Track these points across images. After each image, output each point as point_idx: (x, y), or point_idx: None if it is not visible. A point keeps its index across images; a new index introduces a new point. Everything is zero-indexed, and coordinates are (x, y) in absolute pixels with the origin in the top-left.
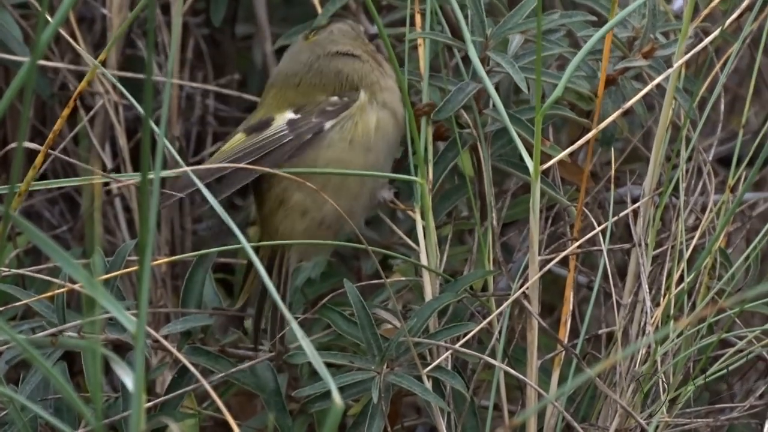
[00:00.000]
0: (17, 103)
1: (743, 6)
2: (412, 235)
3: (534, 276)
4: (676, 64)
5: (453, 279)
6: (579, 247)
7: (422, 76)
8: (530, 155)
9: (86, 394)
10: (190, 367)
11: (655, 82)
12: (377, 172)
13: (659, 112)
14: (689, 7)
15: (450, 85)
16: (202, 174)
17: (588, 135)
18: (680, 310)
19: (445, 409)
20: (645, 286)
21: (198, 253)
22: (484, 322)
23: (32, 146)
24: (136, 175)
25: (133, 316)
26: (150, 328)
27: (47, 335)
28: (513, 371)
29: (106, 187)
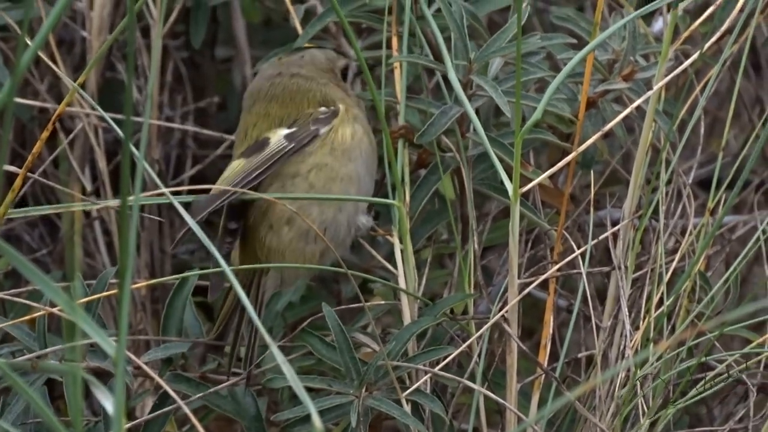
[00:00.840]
0: None
1: (723, 29)
2: (392, 258)
3: (513, 299)
4: (655, 87)
5: (432, 302)
6: (559, 270)
7: (399, 98)
8: (510, 178)
9: (67, 419)
10: (171, 393)
11: (635, 104)
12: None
13: (639, 134)
14: (669, 30)
15: (432, 108)
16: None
17: (568, 157)
18: (660, 333)
19: None
20: (624, 309)
21: (178, 276)
22: (464, 346)
23: (12, 169)
24: (115, 200)
25: (114, 341)
26: (131, 353)
27: (27, 359)
28: (492, 395)
29: (85, 210)
